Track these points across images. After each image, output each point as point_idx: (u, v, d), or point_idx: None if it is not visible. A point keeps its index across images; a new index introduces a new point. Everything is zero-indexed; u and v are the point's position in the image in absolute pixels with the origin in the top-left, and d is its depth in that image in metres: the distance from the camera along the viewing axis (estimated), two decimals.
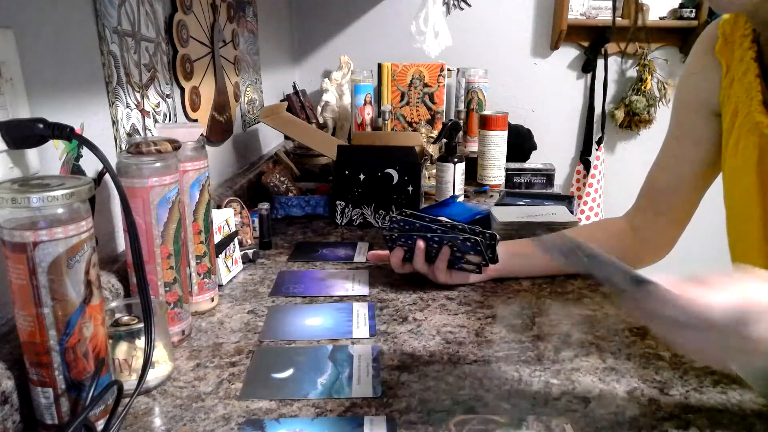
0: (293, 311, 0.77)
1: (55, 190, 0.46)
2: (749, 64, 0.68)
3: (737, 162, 0.70)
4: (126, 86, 0.80)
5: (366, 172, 1.12)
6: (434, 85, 1.80)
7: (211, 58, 1.16)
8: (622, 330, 0.72)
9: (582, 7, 2.11)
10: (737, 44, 0.71)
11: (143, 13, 0.86)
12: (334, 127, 1.82)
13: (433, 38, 1.61)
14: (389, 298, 0.81)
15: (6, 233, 0.47)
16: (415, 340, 0.69)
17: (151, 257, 0.65)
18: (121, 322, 0.60)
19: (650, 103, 2.15)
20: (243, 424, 0.54)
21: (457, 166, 1.25)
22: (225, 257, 0.86)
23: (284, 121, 1.39)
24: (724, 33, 0.73)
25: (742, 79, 0.69)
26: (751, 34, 0.69)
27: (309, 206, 1.20)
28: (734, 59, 0.71)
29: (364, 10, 2.12)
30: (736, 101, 0.70)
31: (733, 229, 0.75)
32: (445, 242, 0.79)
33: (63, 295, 0.48)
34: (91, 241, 0.50)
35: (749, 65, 0.68)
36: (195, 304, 0.76)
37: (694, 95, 0.78)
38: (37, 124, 0.53)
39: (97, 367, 0.51)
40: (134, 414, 0.56)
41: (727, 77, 0.72)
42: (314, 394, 0.58)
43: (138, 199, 0.63)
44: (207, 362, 0.65)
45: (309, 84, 2.12)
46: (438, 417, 0.55)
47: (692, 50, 0.79)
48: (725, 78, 0.73)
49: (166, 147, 0.64)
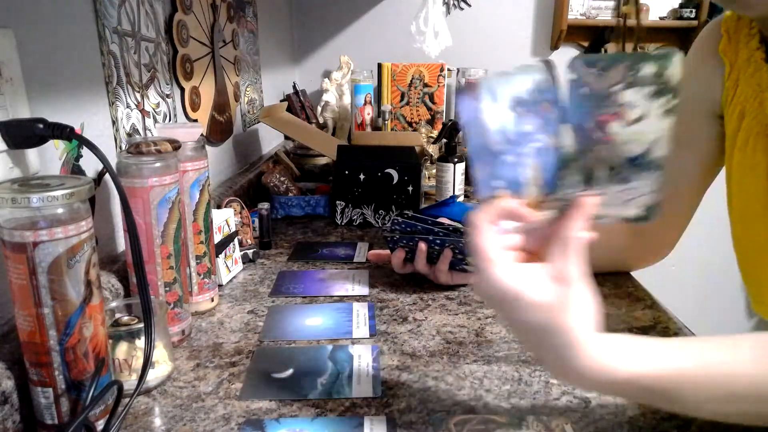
0: (293, 311, 0.77)
1: (55, 190, 0.46)
2: (759, 65, 0.66)
3: (746, 165, 0.68)
4: (126, 86, 0.80)
5: (366, 172, 1.12)
6: (434, 85, 1.80)
7: (211, 58, 1.16)
8: (622, 330, 0.72)
9: (582, 7, 2.11)
10: (743, 43, 0.69)
11: (143, 13, 0.86)
12: (334, 127, 1.82)
13: (433, 38, 1.61)
14: (389, 298, 0.81)
15: (6, 233, 0.47)
16: (415, 340, 0.69)
17: (151, 257, 0.65)
18: (121, 322, 0.60)
19: None
20: (243, 424, 0.54)
21: (457, 166, 1.25)
22: (225, 257, 0.86)
23: (284, 121, 1.39)
24: (728, 31, 0.71)
25: (750, 80, 0.68)
26: (758, 34, 0.67)
27: (309, 206, 1.20)
28: (739, 59, 0.70)
29: (364, 10, 2.12)
30: (743, 102, 0.69)
31: (738, 232, 0.73)
32: (447, 245, 0.79)
33: (63, 295, 0.48)
34: (91, 241, 0.50)
35: (759, 66, 0.66)
36: (195, 304, 0.76)
37: (694, 95, 0.76)
38: (37, 124, 0.53)
39: (97, 367, 0.51)
40: (134, 414, 0.56)
41: (730, 77, 0.71)
42: (314, 394, 0.58)
43: (138, 199, 0.63)
44: (207, 362, 0.65)
45: (309, 84, 2.12)
46: (438, 417, 0.55)
47: (692, 49, 0.77)
48: (729, 78, 0.71)
49: (166, 147, 0.64)
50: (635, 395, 0.45)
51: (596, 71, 0.44)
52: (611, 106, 0.44)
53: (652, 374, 0.44)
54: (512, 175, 0.46)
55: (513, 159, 0.46)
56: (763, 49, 0.67)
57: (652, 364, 0.44)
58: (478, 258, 0.45)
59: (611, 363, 0.43)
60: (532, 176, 0.46)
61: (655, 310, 0.77)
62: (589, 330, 0.44)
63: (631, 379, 0.44)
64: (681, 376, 0.44)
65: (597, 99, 0.44)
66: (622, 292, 0.83)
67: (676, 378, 0.44)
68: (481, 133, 0.45)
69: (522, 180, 0.46)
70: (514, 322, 0.46)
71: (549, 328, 0.44)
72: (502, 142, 0.45)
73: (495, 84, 0.45)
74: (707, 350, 0.45)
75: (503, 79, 0.45)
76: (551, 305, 0.43)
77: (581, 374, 0.44)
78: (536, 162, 0.46)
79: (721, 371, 0.44)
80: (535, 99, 0.45)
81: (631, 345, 0.45)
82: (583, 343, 0.43)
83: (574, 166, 0.46)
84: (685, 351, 0.45)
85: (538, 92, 0.45)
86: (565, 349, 0.43)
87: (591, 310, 0.44)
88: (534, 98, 0.45)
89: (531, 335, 0.45)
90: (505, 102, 0.45)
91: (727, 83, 0.71)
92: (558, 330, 0.43)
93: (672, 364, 0.44)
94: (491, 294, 0.45)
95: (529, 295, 0.44)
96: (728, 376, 0.44)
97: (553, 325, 0.43)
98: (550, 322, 0.43)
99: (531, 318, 0.44)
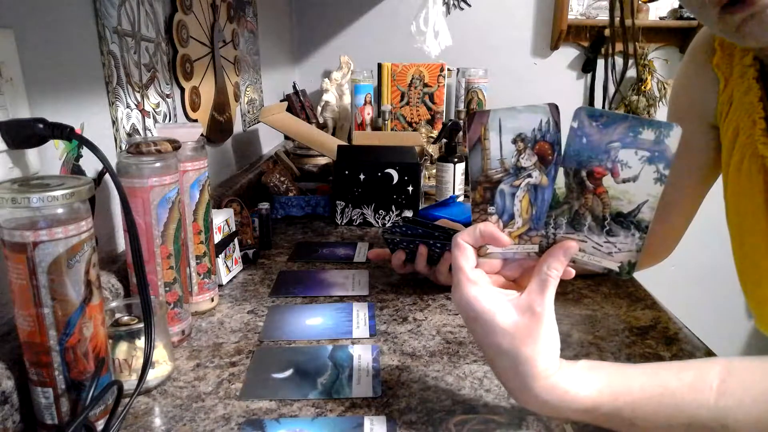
0: (293, 311, 0.77)
1: (55, 190, 0.46)
2: (751, 83, 0.66)
3: (742, 183, 0.68)
4: (126, 86, 0.80)
5: (366, 172, 1.12)
6: (434, 85, 1.80)
7: (211, 58, 1.16)
8: (622, 330, 0.72)
9: (582, 7, 2.11)
10: (737, 58, 0.68)
11: (143, 13, 0.86)
12: (334, 127, 1.82)
13: (433, 38, 1.61)
14: (389, 298, 0.81)
15: (6, 233, 0.47)
16: (415, 340, 0.69)
17: (151, 257, 0.65)
18: (121, 322, 0.60)
19: (650, 103, 2.15)
20: (243, 424, 0.54)
21: (457, 166, 1.25)
22: (225, 257, 0.86)
23: (284, 121, 1.39)
24: (722, 45, 0.70)
25: (743, 99, 0.67)
26: (752, 50, 0.66)
27: (309, 206, 1.20)
28: (734, 74, 0.69)
29: (364, 10, 2.12)
30: (737, 120, 0.68)
31: (740, 251, 0.73)
32: (448, 248, 0.79)
33: (63, 295, 0.48)
34: (91, 241, 0.50)
35: (751, 85, 0.66)
36: (195, 304, 0.76)
37: (689, 106, 0.76)
38: (37, 124, 0.53)
39: (97, 367, 0.51)
40: (134, 414, 0.56)
41: (725, 92, 0.70)
42: (314, 394, 0.58)
43: (138, 199, 0.63)
44: (207, 362, 0.65)
45: (309, 84, 2.12)
46: (438, 417, 0.55)
47: (686, 59, 0.77)
48: (723, 93, 0.70)
49: (166, 147, 0.64)
50: (594, 422, 0.47)
51: (598, 124, 0.46)
52: (606, 160, 0.46)
53: (609, 404, 0.46)
54: (505, 204, 0.50)
55: (508, 189, 0.49)
56: (757, 66, 0.66)
57: (609, 394, 0.46)
58: (458, 276, 0.49)
59: (569, 393, 0.46)
60: (523, 208, 0.50)
61: (655, 310, 0.77)
62: (551, 362, 0.47)
63: (588, 408, 0.46)
64: (638, 404, 0.45)
65: (594, 151, 0.47)
66: (622, 292, 0.83)
67: (632, 406, 0.45)
68: (483, 158, 0.49)
69: (513, 210, 0.50)
70: (485, 342, 0.48)
71: (513, 354, 0.46)
72: (501, 171, 0.49)
73: (502, 116, 0.48)
74: (669, 377, 0.46)
75: (510, 114, 0.48)
76: (520, 334, 0.46)
77: (542, 403, 0.46)
78: (529, 196, 0.49)
79: (684, 400, 0.44)
80: (536, 137, 0.48)
81: (590, 376, 0.47)
82: (543, 373, 0.46)
83: (563, 208, 0.49)
84: (644, 378, 0.46)
85: (539, 132, 0.47)
86: (527, 378, 0.46)
87: (556, 345, 0.47)
88: (535, 136, 0.48)
89: (498, 359, 0.48)
90: (509, 135, 0.48)
91: (722, 98, 0.71)
92: (522, 358, 0.46)
93: (630, 394, 0.46)
94: (467, 312, 0.48)
95: (500, 319, 0.47)
96: (691, 404, 0.44)
97: (517, 353, 0.46)
98: (515, 350, 0.46)
99: (500, 341, 0.47)
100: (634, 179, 0.46)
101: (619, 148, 0.46)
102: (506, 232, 0.50)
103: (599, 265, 0.50)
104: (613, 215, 0.48)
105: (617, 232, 0.48)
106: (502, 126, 0.48)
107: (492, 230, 0.49)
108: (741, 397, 0.43)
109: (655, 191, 0.46)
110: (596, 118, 0.46)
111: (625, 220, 0.48)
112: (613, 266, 0.49)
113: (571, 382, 0.46)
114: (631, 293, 0.82)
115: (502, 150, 0.48)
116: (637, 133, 0.45)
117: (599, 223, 0.48)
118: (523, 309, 0.47)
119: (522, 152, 0.48)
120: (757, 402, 0.43)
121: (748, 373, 0.45)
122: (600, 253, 0.49)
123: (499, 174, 0.49)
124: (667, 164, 0.45)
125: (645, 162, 0.45)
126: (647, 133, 0.45)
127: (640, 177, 0.46)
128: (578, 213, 0.49)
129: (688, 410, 0.44)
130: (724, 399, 0.43)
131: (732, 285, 0.75)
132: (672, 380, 0.45)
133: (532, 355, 0.46)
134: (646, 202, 0.46)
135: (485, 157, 0.49)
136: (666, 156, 0.45)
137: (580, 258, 0.50)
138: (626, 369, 0.48)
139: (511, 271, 0.52)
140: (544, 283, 0.47)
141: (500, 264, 0.52)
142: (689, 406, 0.44)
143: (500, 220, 0.50)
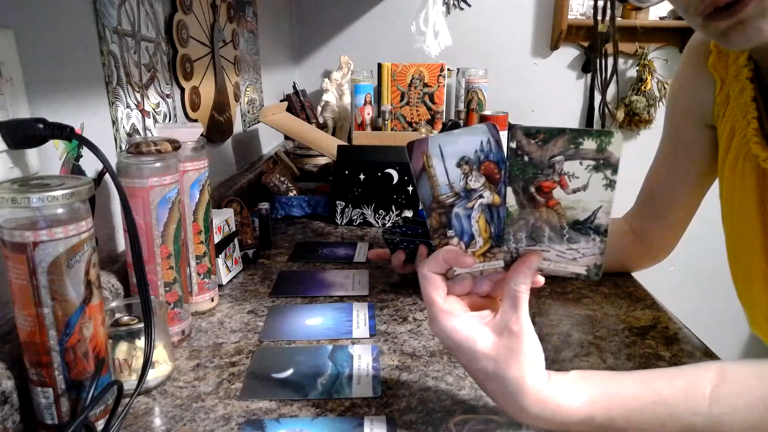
0: (293, 311, 0.77)
1: (55, 190, 0.46)
2: (745, 84, 0.66)
3: (736, 183, 0.68)
4: (126, 86, 0.80)
5: (366, 172, 1.12)
6: (434, 85, 1.80)
7: (211, 58, 1.16)
8: (622, 330, 0.72)
9: (582, 7, 2.11)
10: (732, 58, 0.68)
11: (143, 13, 0.86)
12: (334, 127, 1.82)
13: (433, 38, 1.61)
14: (389, 298, 0.81)
15: (6, 233, 0.47)
16: (415, 340, 0.69)
17: (151, 257, 0.65)
18: (121, 322, 0.60)
19: (650, 103, 2.15)
20: (243, 424, 0.54)
21: None
22: (225, 257, 0.86)
23: (284, 121, 1.39)
24: (717, 45, 0.70)
25: (738, 98, 0.67)
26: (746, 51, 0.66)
27: (309, 206, 1.20)
28: (729, 74, 0.69)
29: (364, 10, 2.12)
30: (732, 120, 0.68)
31: (732, 251, 0.73)
32: None
33: (63, 295, 0.48)
34: (91, 241, 0.50)
35: (745, 85, 0.66)
36: (195, 304, 0.76)
37: (686, 107, 0.76)
38: (37, 124, 0.53)
39: (97, 367, 0.51)
40: (134, 414, 0.56)
41: (721, 93, 0.70)
42: (314, 394, 0.58)
43: (138, 199, 0.63)
44: (207, 362, 0.65)
45: (309, 84, 2.12)
46: (438, 417, 0.55)
47: (682, 60, 0.77)
48: (719, 93, 0.70)
49: (166, 147, 0.64)
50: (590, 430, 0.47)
51: (536, 141, 0.47)
52: (552, 174, 0.47)
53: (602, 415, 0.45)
54: (462, 226, 0.50)
55: (462, 211, 0.50)
56: (751, 65, 0.66)
57: (602, 404, 0.46)
58: (432, 309, 0.49)
59: (561, 407, 0.46)
60: (481, 228, 0.50)
61: (655, 310, 0.77)
62: (538, 377, 0.47)
63: (583, 419, 0.46)
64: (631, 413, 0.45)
65: (538, 167, 0.47)
66: (622, 292, 0.83)
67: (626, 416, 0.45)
68: (431, 185, 0.49)
69: (472, 231, 0.50)
70: (471, 369, 0.49)
71: (500, 377, 0.47)
72: (451, 195, 0.49)
73: (441, 142, 0.48)
74: (663, 384, 0.46)
75: (449, 138, 0.48)
76: (503, 356, 0.46)
77: (535, 417, 0.46)
78: (484, 216, 0.50)
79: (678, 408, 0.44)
80: (479, 158, 0.48)
81: (582, 386, 0.47)
82: (533, 389, 0.46)
83: (519, 224, 0.49)
84: (637, 387, 0.46)
85: (482, 152, 0.48)
86: (517, 396, 0.46)
87: (540, 358, 0.47)
88: (479, 157, 0.48)
89: (486, 383, 0.48)
90: (453, 159, 0.48)
91: (718, 98, 0.71)
92: (510, 379, 0.46)
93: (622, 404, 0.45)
94: (447, 343, 0.49)
95: (481, 345, 0.47)
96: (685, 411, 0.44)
97: (504, 374, 0.46)
98: (501, 372, 0.46)
99: (485, 366, 0.47)
100: (584, 188, 0.47)
101: (563, 161, 0.46)
102: (469, 252, 0.51)
103: (567, 270, 0.51)
104: (571, 224, 0.48)
105: (577, 238, 0.49)
106: (444, 151, 0.48)
107: (454, 253, 0.49)
108: (735, 404, 0.43)
109: (607, 197, 0.47)
110: (533, 135, 0.47)
111: (583, 227, 0.48)
112: (580, 270, 0.50)
113: (562, 395, 0.46)
114: (631, 293, 0.82)
115: (448, 175, 0.49)
116: (578, 145, 0.46)
117: (558, 233, 0.49)
118: (501, 330, 0.47)
119: (469, 174, 0.49)
120: (751, 408, 0.43)
121: (743, 379, 0.44)
122: (565, 259, 0.50)
123: (450, 198, 0.49)
124: (614, 170, 0.46)
125: (592, 170, 0.46)
126: (588, 143, 0.46)
127: (589, 185, 0.47)
128: (535, 226, 0.49)
129: (682, 418, 0.44)
130: (717, 406, 0.43)
131: (731, 285, 0.75)
132: (665, 388, 0.45)
133: (518, 373, 0.46)
134: (600, 207, 0.47)
135: (433, 183, 0.49)
136: (611, 162, 0.46)
137: (547, 266, 0.51)
138: (619, 378, 0.48)
139: (482, 288, 0.52)
140: (515, 300, 0.47)
141: (471, 283, 0.52)
142: (683, 414, 0.44)
143: (461, 242, 0.50)
